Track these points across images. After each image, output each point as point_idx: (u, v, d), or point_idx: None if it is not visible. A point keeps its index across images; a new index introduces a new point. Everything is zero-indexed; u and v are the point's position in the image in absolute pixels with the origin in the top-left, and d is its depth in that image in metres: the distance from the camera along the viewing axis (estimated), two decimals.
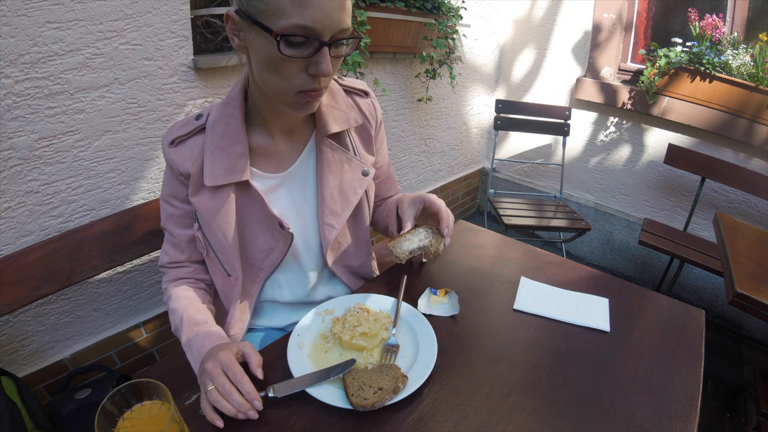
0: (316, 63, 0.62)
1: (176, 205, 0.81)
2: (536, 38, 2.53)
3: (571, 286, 0.92)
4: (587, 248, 2.71)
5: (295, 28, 0.59)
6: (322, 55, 0.62)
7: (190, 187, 0.76)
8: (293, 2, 0.57)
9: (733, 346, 2.11)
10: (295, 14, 0.58)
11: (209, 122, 0.75)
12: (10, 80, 0.96)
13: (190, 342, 0.75)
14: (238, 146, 0.74)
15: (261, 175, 0.79)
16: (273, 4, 0.58)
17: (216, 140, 0.74)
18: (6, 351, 1.16)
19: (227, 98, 0.75)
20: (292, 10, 0.58)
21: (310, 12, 0.58)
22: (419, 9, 1.76)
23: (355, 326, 0.73)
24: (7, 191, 1.04)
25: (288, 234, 0.79)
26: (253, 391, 0.61)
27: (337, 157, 0.82)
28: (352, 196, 0.84)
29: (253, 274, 0.83)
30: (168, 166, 0.79)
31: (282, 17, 0.58)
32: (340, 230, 0.84)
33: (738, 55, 1.90)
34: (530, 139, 2.72)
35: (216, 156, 0.73)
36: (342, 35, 0.63)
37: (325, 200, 0.82)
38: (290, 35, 0.59)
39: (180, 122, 0.78)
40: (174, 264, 0.86)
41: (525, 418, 0.62)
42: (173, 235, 0.84)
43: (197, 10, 1.25)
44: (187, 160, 0.75)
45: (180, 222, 0.83)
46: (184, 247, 0.85)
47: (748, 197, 2.06)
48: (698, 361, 0.75)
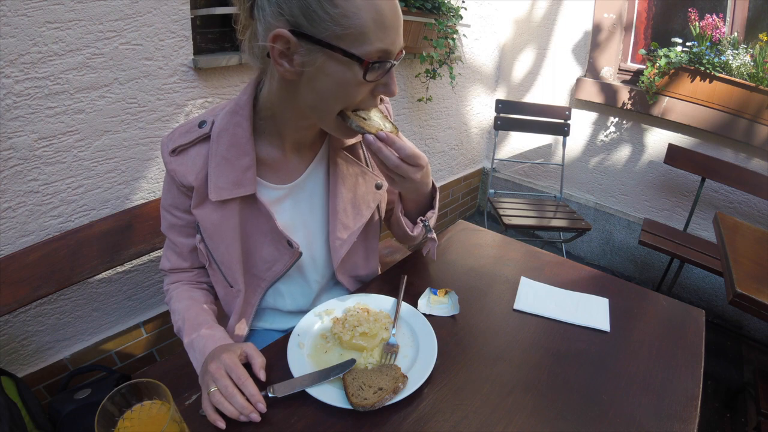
0: (386, 84, 0.62)
1: (178, 216, 0.79)
2: (536, 38, 2.53)
3: (571, 286, 0.92)
4: (587, 248, 2.71)
5: (379, 53, 0.58)
6: (391, 77, 0.62)
7: (193, 198, 0.73)
8: (377, 27, 0.56)
9: (733, 346, 2.11)
10: (378, 39, 0.57)
11: (214, 131, 0.70)
12: (10, 80, 0.96)
13: (192, 343, 0.74)
14: (245, 158, 0.70)
15: (266, 186, 0.76)
16: (355, 28, 0.56)
17: (222, 151, 0.69)
18: (6, 351, 1.16)
19: (235, 106, 0.70)
20: (375, 34, 0.56)
21: (390, 35, 0.58)
22: (419, 9, 1.76)
23: (355, 326, 0.73)
24: (7, 191, 1.04)
25: (296, 252, 0.77)
26: (257, 393, 0.61)
27: (351, 170, 0.80)
28: (365, 210, 0.82)
29: (255, 284, 0.82)
30: (168, 175, 0.75)
31: (365, 42, 0.57)
32: (351, 243, 0.82)
33: (738, 55, 1.90)
34: (530, 139, 2.72)
35: (221, 168, 0.70)
36: (401, 54, 0.62)
37: (338, 214, 0.80)
38: (375, 61, 0.58)
39: (182, 128, 0.74)
40: (176, 270, 0.86)
41: (525, 418, 0.62)
42: (175, 243, 0.82)
43: (197, 10, 1.25)
44: (189, 171, 0.72)
45: (182, 231, 0.81)
46: (187, 255, 0.83)
47: (748, 197, 2.06)
48: (698, 361, 0.74)
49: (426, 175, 0.73)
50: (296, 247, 0.77)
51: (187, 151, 0.72)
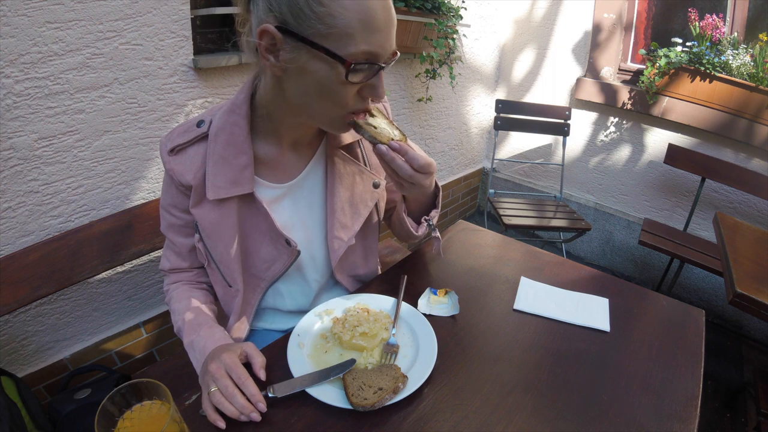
0: (373, 86, 0.61)
1: (177, 215, 0.79)
2: (536, 38, 2.53)
3: (571, 286, 0.92)
4: (587, 248, 2.71)
5: (365, 55, 0.56)
6: (379, 79, 0.61)
7: (191, 198, 0.74)
8: (363, 28, 0.55)
9: (733, 346, 2.11)
10: (364, 40, 0.55)
11: (212, 130, 0.70)
12: (10, 80, 0.96)
13: (192, 343, 0.74)
14: (243, 157, 0.70)
15: (265, 184, 0.76)
16: (339, 28, 0.54)
17: (219, 150, 0.70)
18: (6, 351, 1.16)
19: (231, 105, 0.70)
20: (362, 36, 0.55)
21: (377, 37, 0.56)
22: (419, 9, 1.76)
23: (355, 326, 0.73)
24: (7, 191, 1.04)
25: (294, 251, 0.77)
26: (258, 393, 0.61)
27: (349, 169, 0.80)
28: (362, 209, 0.82)
29: (254, 284, 0.82)
30: (167, 174, 0.75)
31: (350, 43, 0.55)
32: (349, 243, 0.82)
33: (738, 55, 1.90)
34: (530, 139, 2.72)
35: (219, 167, 0.70)
36: (393, 56, 0.61)
37: (335, 213, 0.80)
38: (360, 63, 0.57)
39: (180, 128, 0.74)
40: (176, 270, 0.86)
41: (525, 418, 0.62)
42: (175, 243, 0.83)
43: (197, 10, 1.25)
44: (188, 170, 0.72)
45: (181, 231, 0.81)
46: (186, 255, 0.84)
47: (748, 197, 2.06)
48: (698, 361, 0.74)
49: (433, 178, 0.74)
50: (294, 246, 0.77)
51: (185, 151, 0.72)
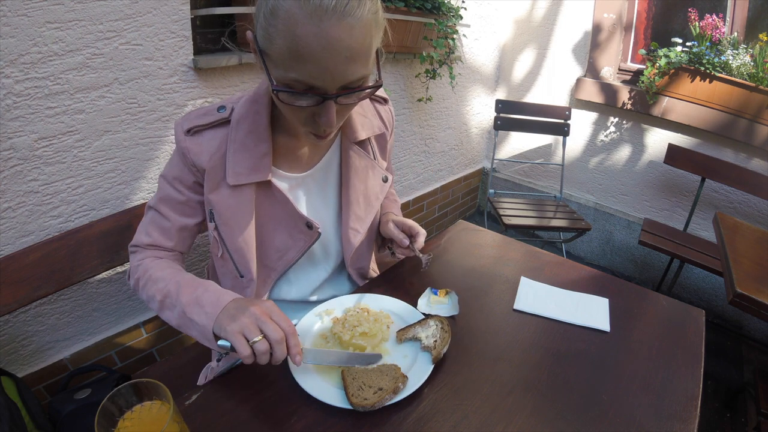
0: (320, 115, 0.60)
1: (180, 189, 0.76)
2: (536, 38, 2.53)
3: (571, 286, 0.92)
4: (587, 248, 2.71)
5: (293, 82, 0.56)
6: (325, 108, 0.59)
7: (206, 182, 0.73)
8: (290, 57, 0.54)
9: (733, 346, 2.11)
10: (293, 69, 0.55)
11: (235, 117, 0.71)
12: (10, 80, 0.96)
13: (198, 299, 0.66)
14: (263, 145, 0.72)
15: (280, 174, 0.77)
16: (274, 51, 0.55)
17: (241, 137, 0.71)
18: (6, 351, 1.16)
19: (254, 95, 0.72)
20: (289, 64, 0.54)
21: (308, 68, 0.54)
22: (419, 9, 1.76)
23: (355, 326, 0.73)
24: (7, 191, 1.04)
25: (315, 233, 0.78)
26: (299, 344, 0.61)
27: (363, 163, 0.83)
28: (374, 202, 0.86)
29: (265, 275, 0.82)
30: (180, 152, 0.73)
31: (281, 67, 0.56)
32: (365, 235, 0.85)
33: (738, 55, 1.90)
34: (530, 139, 2.72)
35: (240, 154, 0.71)
36: (352, 86, 0.59)
37: (351, 205, 0.82)
38: (286, 89, 0.56)
39: (198, 111, 0.74)
40: (155, 246, 0.79)
41: (525, 418, 0.62)
42: (165, 217, 0.77)
43: (197, 10, 1.25)
44: (204, 152, 0.72)
45: (177, 208, 0.77)
46: (174, 233, 0.79)
47: (748, 197, 2.06)
48: (698, 361, 0.75)
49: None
50: (316, 227, 0.77)
51: (202, 133, 0.73)
